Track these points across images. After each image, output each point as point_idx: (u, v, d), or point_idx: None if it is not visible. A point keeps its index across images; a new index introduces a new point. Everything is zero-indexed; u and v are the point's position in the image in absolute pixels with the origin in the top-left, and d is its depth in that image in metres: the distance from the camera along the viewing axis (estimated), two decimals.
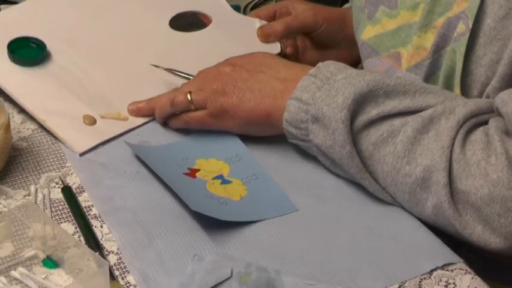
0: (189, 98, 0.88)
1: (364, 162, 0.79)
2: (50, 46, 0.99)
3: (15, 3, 1.18)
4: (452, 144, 0.75)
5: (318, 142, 0.81)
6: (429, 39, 0.84)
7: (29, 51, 0.99)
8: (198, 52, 1.04)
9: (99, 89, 0.96)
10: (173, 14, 1.09)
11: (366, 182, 0.80)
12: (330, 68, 0.82)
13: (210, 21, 1.10)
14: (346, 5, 1.11)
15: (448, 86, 0.83)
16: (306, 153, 0.88)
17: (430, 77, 0.85)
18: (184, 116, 0.89)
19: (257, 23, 1.08)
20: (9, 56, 0.97)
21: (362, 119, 0.78)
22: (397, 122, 0.77)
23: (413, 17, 0.87)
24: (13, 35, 0.99)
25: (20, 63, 0.97)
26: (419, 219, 0.80)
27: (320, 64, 0.83)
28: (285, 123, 0.83)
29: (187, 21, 1.10)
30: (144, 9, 1.09)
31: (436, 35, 0.83)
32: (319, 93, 0.80)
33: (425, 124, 0.76)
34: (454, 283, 0.73)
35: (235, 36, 1.07)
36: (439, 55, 0.83)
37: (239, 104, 0.86)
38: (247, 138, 0.91)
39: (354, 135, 0.78)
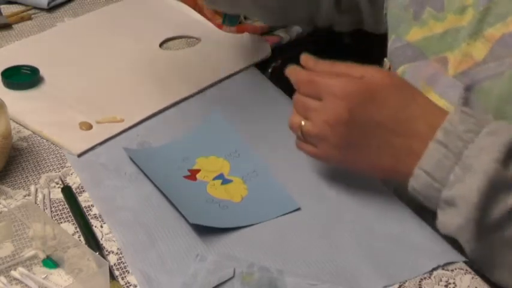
0: (303, 123, 0.80)
1: (500, 249, 0.73)
2: (42, 71, 1.01)
3: (15, 3, 1.18)
4: None
5: (444, 221, 0.74)
6: (478, 48, 0.80)
7: (22, 77, 1.00)
8: (188, 66, 1.06)
9: (93, 99, 0.98)
10: (163, 38, 1.12)
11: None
12: (458, 131, 0.73)
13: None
14: None
15: (500, 111, 0.78)
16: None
17: (472, 87, 0.81)
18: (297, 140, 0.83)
19: (245, 37, 1.11)
20: (3, 82, 0.99)
21: (498, 210, 0.71)
22: None
23: (460, 21, 0.83)
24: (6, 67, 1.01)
25: (14, 87, 0.98)
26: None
27: (447, 125, 0.73)
28: (411, 190, 0.76)
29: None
30: (135, 36, 1.13)
31: (488, 48, 0.79)
32: (454, 176, 0.72)
33: None
34: (454, 283, 0.73)
35: (225, 48, 1.10)
36: (485, 68, 0.79)
37: (353, 161, 0.79)
38: (247, 136, 0.91)
39: (490, 227, 0.72)
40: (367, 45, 0.98)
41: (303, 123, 0.80)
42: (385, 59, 0.96)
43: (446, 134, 0.73)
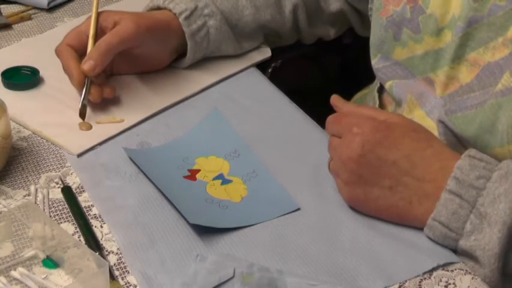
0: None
1: None
2: (42, 72, 1.01)
3: (15, 3, 1.18)
4: None
5: (466, 268, 0.75)
6: (462, 72, 0.81)
7: (22, 78, 1.00)
8: (188, 66, 1.05)
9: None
10: None
11: None
12: (470, 179, 0.73)
13: None
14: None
15: (480, 140, 0.78)
16: (306, 152, 0.89)
17: (455, 112, 0.80)
18: None
19: None
20: (3, 83, 0.99)
21: None
22: None
23: (438, 43, 0.84)
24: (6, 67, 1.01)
25: (14, 88, 0.98)
26: None
27: (458, 173, 0.73)
28: (427, 236, 0.77)
29: None
30: None
31: (475, 74, 0.79)
32: (470, 225, 0.73)
33: None
34: (454, 283, 0.73)
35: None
36: (472, 96, 0.79)
37: (365, 200, 0.78)
38: (247, 136, 0.91)
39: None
40: (367, 45, 0.98)
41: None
42: None
43: (458, 183, 0.73)
